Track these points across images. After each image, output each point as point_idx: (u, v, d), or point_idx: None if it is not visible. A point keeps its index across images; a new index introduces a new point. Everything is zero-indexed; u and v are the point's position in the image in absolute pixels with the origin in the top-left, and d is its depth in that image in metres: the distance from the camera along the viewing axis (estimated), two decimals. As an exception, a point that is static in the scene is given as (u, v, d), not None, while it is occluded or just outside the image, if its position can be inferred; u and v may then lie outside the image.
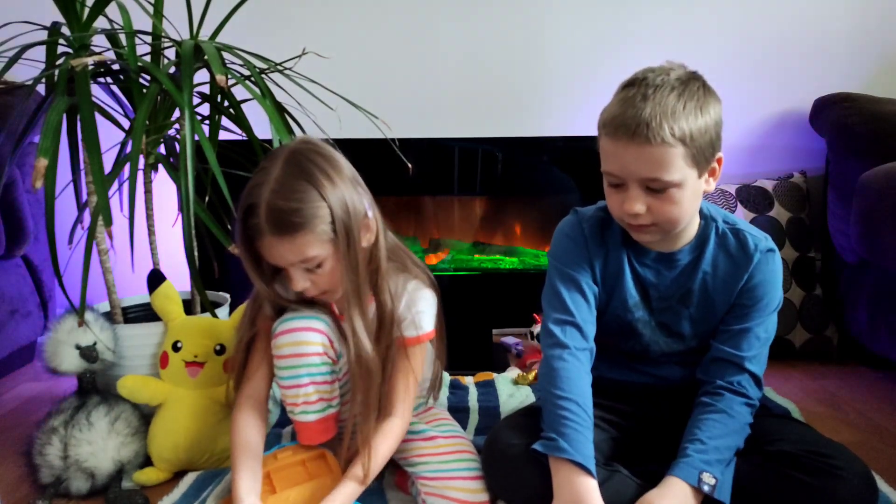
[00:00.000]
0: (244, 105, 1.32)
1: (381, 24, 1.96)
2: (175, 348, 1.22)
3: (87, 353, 1.17)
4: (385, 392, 1.03)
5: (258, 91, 1.23)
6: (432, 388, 1.19)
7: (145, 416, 1.23)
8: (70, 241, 1.34)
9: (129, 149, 1.16)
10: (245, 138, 1.29)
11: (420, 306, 1.05)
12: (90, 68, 1.13)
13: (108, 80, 1.34)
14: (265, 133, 1.23)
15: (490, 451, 1.01)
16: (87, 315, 1.18)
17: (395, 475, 1.14)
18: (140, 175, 1.30)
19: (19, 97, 1.65)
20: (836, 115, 1.82)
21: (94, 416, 1.15)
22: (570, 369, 0.95)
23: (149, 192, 1.38)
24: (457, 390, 1.61)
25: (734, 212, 1.86)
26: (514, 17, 1.97)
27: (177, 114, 1.34)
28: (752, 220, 1.86)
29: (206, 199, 1.28)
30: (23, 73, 1.34)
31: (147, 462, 1.22)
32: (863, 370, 1.78)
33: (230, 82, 1.23)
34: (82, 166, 1.29)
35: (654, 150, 0.87)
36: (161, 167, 1.35)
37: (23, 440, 1.20)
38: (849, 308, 1.77)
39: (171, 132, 1.39)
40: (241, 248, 0.98)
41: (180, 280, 1.33)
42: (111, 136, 1.33)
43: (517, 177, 1.91)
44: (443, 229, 2.11)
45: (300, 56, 1.39)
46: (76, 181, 1.36)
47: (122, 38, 1.32)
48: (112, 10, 1.28)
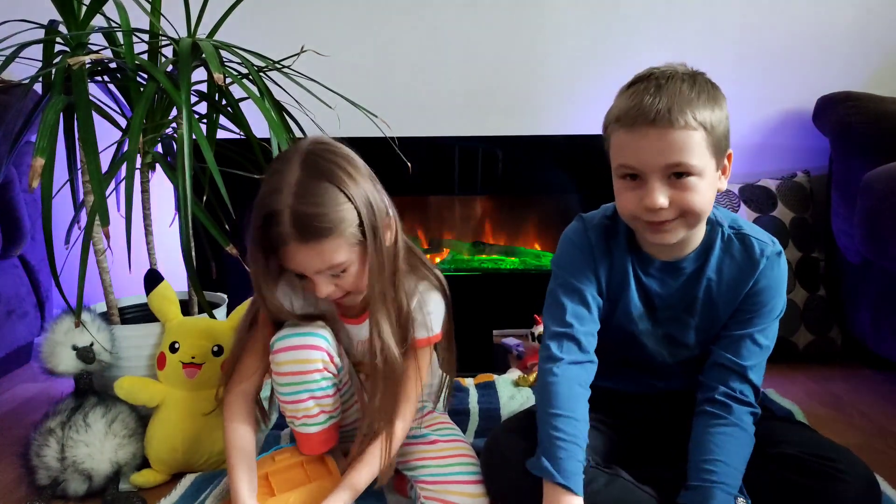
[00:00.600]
0: (242, 104, 1.31)
1: (381, 22, 1.95)
2: (172, 349, 1.21)
3: (84, 353, 1.17)
4: None
5: (256, 90, 1.22)
6: (439, 393, 1.18)
7: (143, 417, 1.23)
8: (67, 241, 1.34)
9: (126, 148, 1.15)
10: (243, 137, 1.29)
11: (430, 307, 1.04)
12: (87, 67, 1.13)
13: (106, 78, 1.34)
14: (264, 132, 1.22)
15: (489, 456, 1.00)
16: (84, 316, 1.17)
17: (395, 478, 1.13)
18: (137, 174, 1.29)
19: (16, 96, 1.64)
20: (839, 114, 1.81)
21: (92, 417, 1.15)
22: (561, 384, 0.93)
23: (146, 191, 1.37)
24: (457, 392, 1.60)
25: (737, 211, 1.85)
26: (514, 16, 1.96)
27: (174, 112, 1.34)
28: (756, 219, 1.85)
29: (204, 198, 1.27)
30: (20, 71, 1.33)
31: (144, 464, 1.21)
32: (867, 372, 1.77)
33: (228, 81, 1.22)
34: (79, 165, 1.28)
35: (678, 133, 0.84)
36: (158, 166, 1.34)
37: (20, 442, 1.20)
38: (853, 309, 1.75)
39: (169, 131, 1.38)
40: (257, 259, 0.94)
41: (178, 280, 1.32)
42: (108, 135, 1.32)
43: (518, 176, 1.90)
44: (443, 229, 2.10)
45: (299, 54, 1.38)
46: (73, 180, 1.35)
47: (120, 36, 1.31)
48: (109, 8, 1.27)
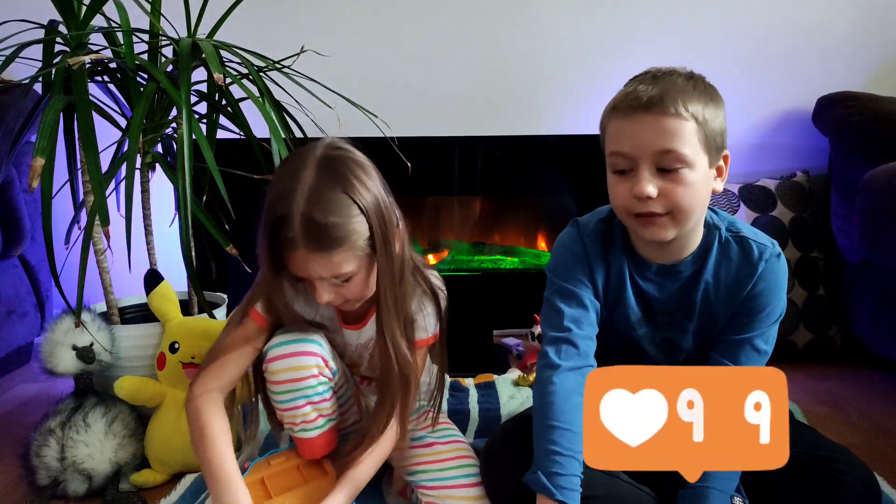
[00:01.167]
0: (242, 104, 1.31)
1: (381, 22, 1.95)
2: (172, 349, 1.21)
3: (84, 353, 1.17)
4: None
5: (256, 90, 1.22)
6: (434, 392, 1.18)
7: (142, 417, 1.23)
8: (67, 241, 1.34)
9: (126, 148, 1.15)
10: (243, 137, 1.29)
11: (429, 308, 1.04)
12: (87, 67, 1.13)
13: (106, 78, 1.34)
14: (263, 132, 1.22)
15: (488, 459, 1.00)
16: (84, 316, 1.17)
17: (394, 481, 1.13)
18: (137, 174, 1.29)
19: (16, 96, 1.64)
20: (838, 114, 1.81)
21: (92, 417, 1.15)
22: (559, 394, 0.91)
23: (146, 191, 1.37)
24: (457, 392, 1.60)
25: (737, 211, 1.85)
26: (514, 16, 1.96)
27: (174, 112, 1.34)
28: (755, 219, 1.85)
29: (204, 198, 1.27)
30: (20, 71, 1.33)
31: (144, 464, 1.21)
32: (866, 371, 1.77)
33: (228, 81, 1.22)
34: (79, 165, 1.28)
35: (670, 120, 0.85)
36: (158, 166, 1.34)
37: (20, 442, 1.20)
38: (852, 308, 1.76)
39: (169, 131, 1.38)
40: (265, 259, 0.93)
41: (177, 280, 1.32)
42: (108, 135, 1.32)
43: (518, 176, 1.90)
44: (443, 229, 2.10)
45: (299, 54, 1.38)
46: (73, 180, 1.35)
47: (120, 36, 1.31)
48: (109, 8, 1.27)
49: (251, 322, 1.00)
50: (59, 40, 1.25)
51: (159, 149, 1.38)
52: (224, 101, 1.33)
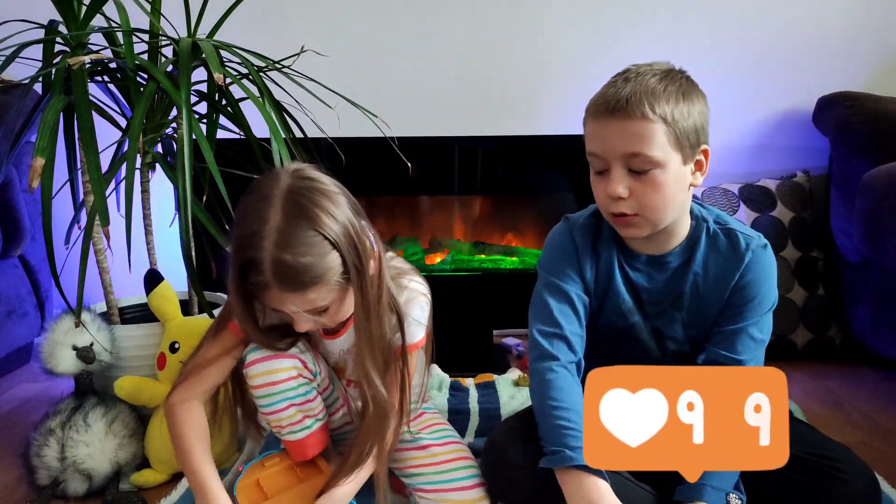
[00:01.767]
0: (242, 104, 1.31)
1: (381, 22, 1.95)
2: (172, 349, 1.21)
3: (84, 353, 1.17)
4: None
5: (256, 90, 1.22)
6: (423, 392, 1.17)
7: (143, 417, 1.23)
8: (67, 241, 1.34)
9: (126, 148, 1.16)
10: (243, 137, 1.29)
11: (416, 312, 1.02)
12: (87, 67, 1.13)
13: (106, 78, 1.34)
14: (263, 132, 1.22)
15: (489, 457, 1.00)
16: (84, 316, 1.17)
17: (392, 479, 1.12)
18: (137, 174, 1.29)
19: (16, 96, 1.64)
20: (838, 114, 1.81)
21: (92, 417, 1.15)
22: (562, 380, 0.93)
23: (146, 191, 1.37)
24: (457, 392, 1.60)
25: (737, 211, 1.85)
26: (513, 16, 1.96)
27: (174, 112, 1.34)
28: (755, 219, 1.85)
29: (204, 198, 1.27)
30: (20, 71, 1.33)
31: (144, 464, 1.21)
32: (865, 370, 1.78)
33: (228, 81, 1.22)
34: (79, 165, 1.28)
35: (635, 124, 0.87)
36: (158, 166, 1.34)
37: (20, 442, 1.20)
38: (852, 308, 1.76)
39: (169, 131, 1.38)
40: (236, 298, 0.91)
41: (178, 280, 1.32)
42: (108, 135, 1.32)
43: (518, 176, 1.90)
44: (443, 229, 2.10)
45: (299, 54, 1.38)
46: (73, 180, 1.35)
47: (120, 36, 1.31)
48: (109, 8, 1.27)
49: (228, 333, 1.00)
50: (59, 40, 1.25)
51: (159, 149, 1.38)
52: (224, 101, 1.33)
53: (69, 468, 1.11)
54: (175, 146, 1.36)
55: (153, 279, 1.26)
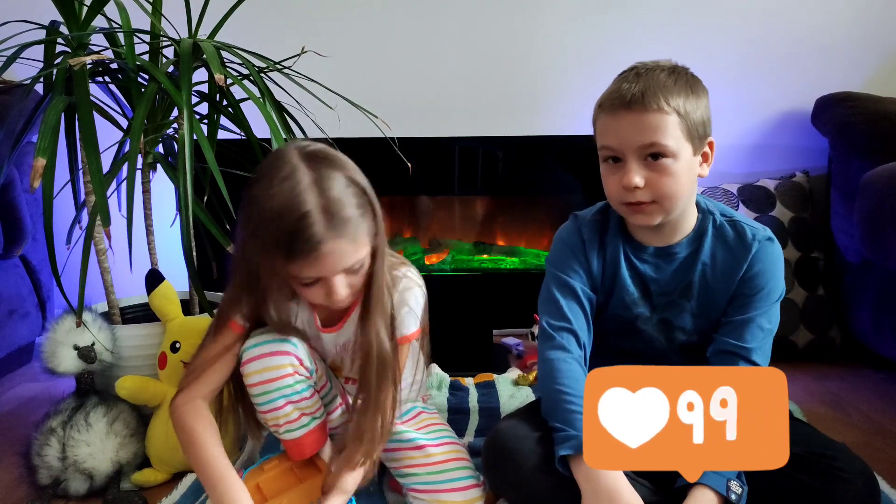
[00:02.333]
0: (243, 104, 1.31)
1: (381, 22, 1.96)
2: (173, 349, 1.22)
3: (86, 353, 1.17)
4: None
5: (257, 90, 1.23)
6: (422, 389, 1.18)
7: (144, 416, 1.23)
8: (68, 241, 1.34)
9: (127, 148, 1.16)
10: (244, 137, 1.29)
11: (411, 303, 1.03)
12: (88, 67, 1.13)
13: (107, 79, 1.34)
14: (264, 132, 1.23)
15: (490, 450, 1.00)
16: (86, 315, 1.17)
17: (391, 478, 1.13)
18: (138, 175, 1.30)
19: (17, 96, 1.64)
20: (838, 114, 1.81)
21: (93, 417, 1.15)
22: (573, 370, 0.96)
23: (147, 191, 1.37)
24: (457, 391, 1.60)
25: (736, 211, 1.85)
26: (513, 16, 1.96)
27: (175, 113, 1.34)
28: (755, 219, 1.84)
29: (205, 198, 1.28)
30: (21, 72, 1.34)
31: (145, 463, 1.22)
32: (866, 371, 1.78)
33: (228, 81, 1.22)
34: (80, 166, 1.28)
35: (651, 116, 0.91)
36: (159, 167, 1.35)
37: (21, 441, 1.20)
38: (852, 308, 1.76)
39: (170, 131, 1.38)
40: (272, 276, 0.92)
41: (179, 280, 1.33)
42: (109, 136, 1.33)
43: (518, 176, 1.91)
44: (443, 229, 2.10)
45: (299, 55, 1.38)
46: (74, 181, 1.36)
47: (121, 37, 1.31)
48: (110, 8, 1.27)
49: (229, 331, 1.01)
50: (60, 41, 1.25)
51: (160, 149, 1.38)
52: (225, 102, 1.33)
53: (70, 468, 1.12)
54: (176, 146, 1.36)
55: (154, 279, 1.26)
